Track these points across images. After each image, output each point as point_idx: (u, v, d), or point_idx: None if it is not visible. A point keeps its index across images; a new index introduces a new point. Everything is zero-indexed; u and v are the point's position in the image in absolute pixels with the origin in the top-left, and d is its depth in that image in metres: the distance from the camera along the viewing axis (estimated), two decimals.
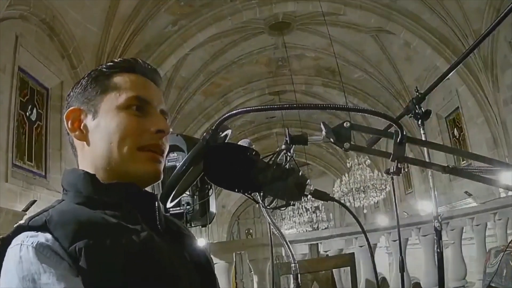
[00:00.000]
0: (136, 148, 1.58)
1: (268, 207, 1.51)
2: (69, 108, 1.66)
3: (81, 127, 1.63)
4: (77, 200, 1.52)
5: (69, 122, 1.64)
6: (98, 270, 1.31)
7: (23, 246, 1.30)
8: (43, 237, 1.33)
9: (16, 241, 1.33)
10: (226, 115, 1.45)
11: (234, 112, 1.43)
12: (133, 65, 1.71)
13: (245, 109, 1.47)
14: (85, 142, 1.63)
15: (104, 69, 1.68)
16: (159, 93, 1.74)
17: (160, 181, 1.66)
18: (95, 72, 1.69)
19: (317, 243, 8.39)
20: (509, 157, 13.23)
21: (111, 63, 1.71)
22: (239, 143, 1.62)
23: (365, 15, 14.49)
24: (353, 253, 6.13)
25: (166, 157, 1.69)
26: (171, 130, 1.66)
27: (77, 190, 1.55)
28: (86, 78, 1.68)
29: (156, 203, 1.63)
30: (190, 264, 1.62)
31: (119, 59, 1.74)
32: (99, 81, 1.65)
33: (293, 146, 1.54)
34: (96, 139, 1.60)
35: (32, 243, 1.30)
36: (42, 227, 1.36)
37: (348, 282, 5.87)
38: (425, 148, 2.71)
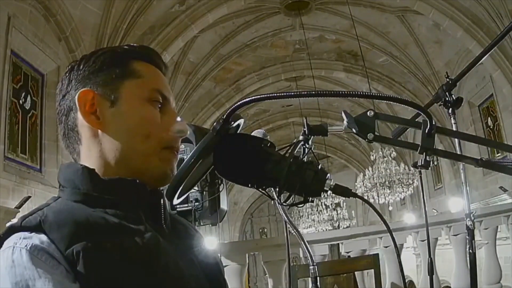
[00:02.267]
0: (162, 146, 1.61)
1: (284, 204, 1.50)
2: (79, 88, 1.63)
3: (97, 113, 1.60)
4: (75, 197, 1.51)
5: (82, 105, 1.60)
6: (97, 275, 1.30)
7: (16, 248, 1.30)
8: (38, 239, 1.33)
9: (8, 243, 1.33)
10: (239, 103, 1.43)
11: (247, 100, 1.42)
12: (150, 54, 1.73)
13: (259, 96, 1.44)
14: (99, 130, 1.60)
15: (120, 52, 1.68)
16: None
17: None
18: (110, 53, 1.67)
19: (338, 243, 8.38)
20: None
21: (127, 47, 1.72)
22: (252, 134, 1.62)
23: None
24: (378, 254, 6.13)
25: None
26: (178, 118, 1.67)
27: (74, 187, 1.54)
28: (102, 57, 1.65)
29: (162, 200, 1.64)
30: (198, 268, 1.62)
31: (134, 44, 1.75)
32: (116, 64, 1.64)
33: (312, 137, 1.54)
34: (113, 128, 1.59)
35: (25, 245, 1.30)
36: (36, 228, 1.36)
37: (372, 286, 5.87)
38: (456, 139, 2.71)
